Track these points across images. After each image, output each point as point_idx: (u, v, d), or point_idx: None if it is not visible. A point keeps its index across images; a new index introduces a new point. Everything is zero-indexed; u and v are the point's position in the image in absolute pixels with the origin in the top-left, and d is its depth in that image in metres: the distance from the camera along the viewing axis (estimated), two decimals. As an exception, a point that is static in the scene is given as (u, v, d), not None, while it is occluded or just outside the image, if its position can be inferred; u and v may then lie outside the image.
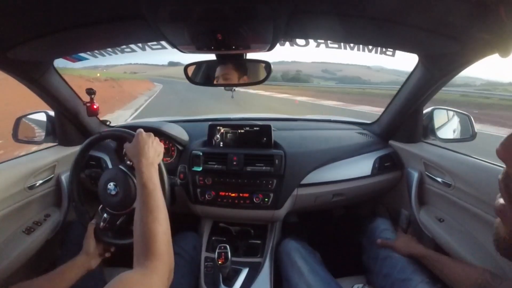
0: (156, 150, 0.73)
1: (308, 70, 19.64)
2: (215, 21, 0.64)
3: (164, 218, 0.60)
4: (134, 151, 0.71)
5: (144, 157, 0.69)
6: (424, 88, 0.95)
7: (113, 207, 0.81)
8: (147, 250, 0.52)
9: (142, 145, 0.71)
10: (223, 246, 0.90)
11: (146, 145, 0.71)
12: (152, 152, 0.71)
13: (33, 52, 0.79)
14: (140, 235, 0.55)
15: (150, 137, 0.74)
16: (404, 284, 0.76)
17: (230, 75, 0.94)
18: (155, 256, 0.51)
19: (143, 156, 0.69)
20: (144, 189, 0.62)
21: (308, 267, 0.86)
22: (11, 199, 0.88)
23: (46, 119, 1.12)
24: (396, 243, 0.88)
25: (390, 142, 1.21)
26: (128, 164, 0.82)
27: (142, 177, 0.65)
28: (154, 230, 0.55)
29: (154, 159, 0.71)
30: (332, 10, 0.61)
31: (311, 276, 0.83)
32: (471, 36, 0.62)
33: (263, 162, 1.06)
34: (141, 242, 0.54)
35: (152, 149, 0.72)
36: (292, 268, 0.88)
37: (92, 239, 0.81)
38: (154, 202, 0.60)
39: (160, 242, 0.54)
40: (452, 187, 0.91)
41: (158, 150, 0.74)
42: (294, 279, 0.85)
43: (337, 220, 1.57)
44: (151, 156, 0.70)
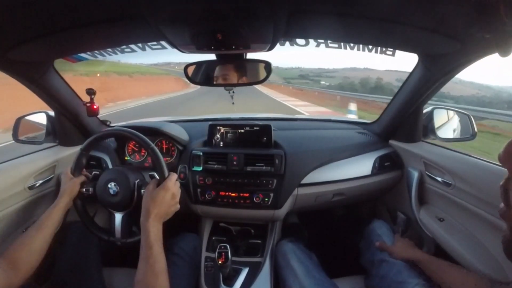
0: (170, 209, 0.70)
1: (385, 79, 16.78)
2: (215, 21, 0.64)
3: (163, 273, 0.60)
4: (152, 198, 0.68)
5: (155, 211, 0.66)
6: (424, 88, 0.95)
7: (112, 206, 0.81)
8: None
9: (162, 197, 0.68)
10: (223, 245, 0.90)
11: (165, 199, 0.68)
12: (166, 209, 0.69)
13: (33, 53, 0.79)
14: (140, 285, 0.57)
15: (174, 192, 0.71)
16: (400, 286, 0.76)
17: (230, 75, 0.95)
18: None
19: (154, 209, 0.66)
20: (148, 249, 0.62)
21: (303, 269, 0.87)
22: (12, 199, 0.88)
23: (46, 120, 1.12)
24: (394, 248, 0.88)
25: (390, 141, 1.21)
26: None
27: (147, 233, 0.63)
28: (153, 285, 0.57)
29: (163, 216, 0.68)
30: (332, 10, 0.61)
31: (306, 279, 0.83)
32: (471, 35, 0.62)
33: (263, 162, 1.06)
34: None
35: (167, 205, 0.69)
36: (287, 270, 0.89)
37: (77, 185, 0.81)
38: (157, 264, 0.60)
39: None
40: (452, 187, 0.91)
41: (171, 209, 0.71)
42: (289, 281, 0.85)
43: (337, 219, 1.57)
44: (162, 213, 0.68)
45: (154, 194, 0.68)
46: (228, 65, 0.94)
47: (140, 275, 0.59)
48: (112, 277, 0.91)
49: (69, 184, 0.80)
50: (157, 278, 0.58)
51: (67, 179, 0.82)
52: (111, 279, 0.90)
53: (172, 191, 0.71)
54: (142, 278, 0.58)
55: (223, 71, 0.94)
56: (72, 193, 0.80)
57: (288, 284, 0.84)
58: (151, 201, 0.67)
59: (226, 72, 0.95)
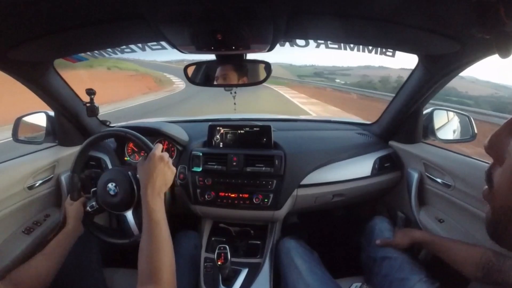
0: (165, 178, 0.70)
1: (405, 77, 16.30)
2: (215, 21, 0.64)
3: (169, 249, 0.60)
4: (143, 174, 0.69)
5: (150, 187, 0.66)
6: (424, 89, 0.95)
7: (112, 207, 0.81)
8: (150, 275, 0.54)
9: (152, 170, 0.68)
10: (222, 246, 0.90)
11: (156, 172, 0.68)
12: (160, 181, 0.69)
13: (33, 52, 0.79)
14: (145, 263, 0.56)
15: (163, 161, 0.71)
16: (402, 283, 0.76)
17: (230, 75, 0.95)
18: (158, 282, 0.53)
19: (150, 185, 0.66)
20: (150, 220, 0.62)
21: (306, 266, 0.86)
22: (11, 199, 0.88)
23: (46, 119, 1.12)
24: (395, 238, 0.88)
25: (390, 142, 1.21)
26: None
27: (147, 207, 0.64)
28: (159, 260, 0.57)
29: (161, 188, 0.68)
30: (332, 11, 0.61)
31: (309, 276, 0.83)
32: (471, 36, 0.62)
33: (263, 162, 1.05)
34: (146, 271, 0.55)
35: (161, 176, 0.69)
36: (290, 267, 0.88)
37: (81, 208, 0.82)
38: (159, 232, 0.61)
39: (164, 272, 0.55)
40: (452, 188, 0.91)
41: (167, 178, 0.71)
42: (292, 278, 0.85)
43: (337, 220, 1.57)
44: (158, 186, 0.68)
45: (145, 167, 0.69)
46: (228, 65, 0.94)
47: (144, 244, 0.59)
48: (113, 277, 0.91)
49: (71, 209, 0.81)
50: (156, 244, 0.59)
51: (69, 206, 0.83)
52: (112, 280, 0.90)
53: (161, 158, 0.71)
54: (145, 247, 0.58)
55: (223, 71, 0.94)
56: (78, 216, 0.81)
57: (292, 282, 0.84)
58: (144, 175, 0.68)
59: (226, 73, 0.95)
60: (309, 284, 0.80)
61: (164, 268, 0.56)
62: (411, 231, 0.88)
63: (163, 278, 0.54)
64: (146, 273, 0.54)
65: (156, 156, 0.70)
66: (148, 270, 0.55)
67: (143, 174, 0.69)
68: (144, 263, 0.56)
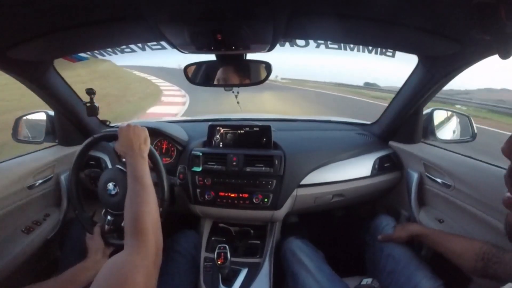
0: (140, 138, 0.74)
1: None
2: (215, 21, 0.64)
3: (151, 200, 0.61)
4: (121, 148, 0.73)
5: (130, 150, 0.71)
6: (424, 89, 0.95)
7: (113, 207, 0.81)
8: (134, 231, 0.54)
9: (125, 138, 0.73)
10: (222, 246, 0.90)
11: (128, 137, 0.73)
12: (136, 141, 0.72)
13: (33, 52, 0.79)
14: (128, 219, 0.57)
15: (130, 128, 0.75)
16: (408, 280, 0.76)
17: (230, 75, 0.94)
18: (141, 236, 0.53)
19: (129, 149, 0.71)
20: (132, 178, 0.65)
21: (314, 264, 0.87)
22: (11, 198, 0.88)
23: (46, 119, 1.12)
24: (394, 232, 0.88)
25: (390, 143, 1.21)
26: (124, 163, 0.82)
27: (129, 168, 0.68)
28: (140, 210, 0.57)
29: (140, 148, 0.72)
30: (332, 11, 0.61)
31: (318, 273, 0.83)
32: (471, 37, 0.62)
33: (262, 162, 1.06)
34: (129, 223, 0.56)
35: (136, 138, 0.73)
36: (298, 264, 0.88)
37: (100, 241, 0.82)
38: (141, 186, 0.63)
39: (145, 221, 0.56)
40: (452, 188, 0.91)
41: (141, 137, 0.75)
42: (301, 274, 0.85)
43: (337, 220, 1.57)
44: (136, 148, 0.72)
45: (118, 143, 0.74)
46: (228, 65, 0.94)
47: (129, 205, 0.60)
48: None
49: (93, 243, 0.81)
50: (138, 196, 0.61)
51: (89, 240, 0.83)
52: None
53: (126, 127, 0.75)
54: (130, 208, 0.59)
55: (223, 71, 0.94)
56: (100, 247, 0.81)
57: (301, 278, 0.84)
58: (121, 148, 0.73)
59: (226, 73, 0.95)
60: (319, 281, 0.81)
61: (146, 219, 0.56)
62: (410, 225, 0.89)
63: (144, 229, 0.55)
64: (131, 230, 0.55)
65: (122, 128, 0.75)
66: (130, 224, 0.56)
67: (121, 148, 0.73)
68: (127, 217, 0.57)
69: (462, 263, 0.70)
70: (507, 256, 0.62)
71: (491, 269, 0.63)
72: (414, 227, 0.87)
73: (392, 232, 0.90)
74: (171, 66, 16.32)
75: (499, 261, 0.62)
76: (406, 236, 0.85)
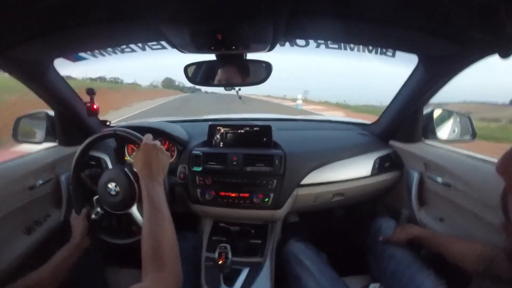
0: (161, 163, 0.71)
1: None
2: (215, 21, 0.64)
3: (170, 231, 0.60)
4: (139, 164, 0.69)
5: (148, 174, 0.67)
6: (424, 89, 0.96)
7: (113, 207, 0.81)
8: (154, 261, 0.53)
9: (147, 156, 0.69)
10: (223, 246, 0.91)
11: (150, 159, 0.69)
12: (156, 166, 0.69)
13: (33, 52, 0.79)
14: (147, 248, 0.56)
15: (155, 149, 0.71)
16: (411, 280, 0.76)
17: (230, 75, 0.94)
18: (162, 267, 0.52)
19: (146, 173, 0.67)
20: (151, 208, 0.62)
21: (317, 267, 0.87)
22: (11, 199, 0.88)
23: (46, 119, 1.12)
24: (394, 234, 0.88)
25: (390, 142, 1.21)
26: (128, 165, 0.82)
27: (146, 191, 0.64)
28: (161, 240, 0.56)
29: (158, 174, 0.69)
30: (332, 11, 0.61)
31: (320, 276, 0.83)
32: (471, 37, 0.62)
33: (263, 162, 1.06)
34: (149, 254, 0.54)
35: (156, 162, 0.69)
36: (301, 267, 0.88)
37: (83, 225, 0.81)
38: (161, 215, 0.61)
39: (166, 251, 0.55)
40: (452, 187, 0.91)
41: (162, 163, 0.71)
42: (304, 277, 0.85)
43: (338, 220, 1.57)
44: (155, 172, 0.68)
45: (139, 157, 0.70)
46: (228, 65, 0.94)
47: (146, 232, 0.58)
48: (115, 277, 0.91)
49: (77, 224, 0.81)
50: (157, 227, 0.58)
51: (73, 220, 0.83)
52: (114, 279, 0.90)
53: (153, 145, 0.71)
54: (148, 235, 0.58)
55: (223, 71, 0.94)
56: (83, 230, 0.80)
57: (304, 281, 0.84)
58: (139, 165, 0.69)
59: (226, 73, 0.95)
60: (321, 284, 0.81)
61: (168, 255, 0.55)
62: (410, 227, 0.89)
63: (168, 265, 0.54)
64: (150, 260, 0.54)
65: (147, 145, 0.71)
66: (150, 255, 0.54)
67: (139, 164, 0.70)
68: (147, 248, 0.56)
69: (463, 265, 0.70)
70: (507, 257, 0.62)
71: (492, 271, 0.63)
72: (414, 229, 0.86)
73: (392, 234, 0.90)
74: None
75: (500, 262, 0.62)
76: (405, 238, 0.85)
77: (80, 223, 0.81)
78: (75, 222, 0.82)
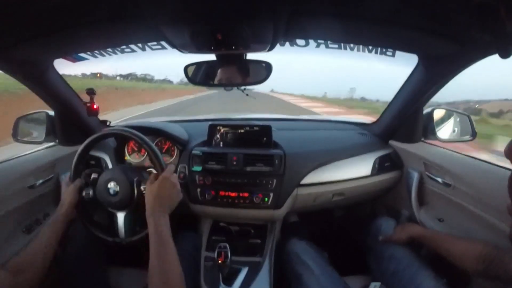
0: (172, 200, 0.72)
1: None
2: (215, 21, 0.64)
3: (177, 265, 0.62)
4: (151, 196, 0.69)
5: (157, 208, 0.67)
6: (424, 89, 0.95)
7: (113, 206, 0.81)
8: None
9: (161, 192, 0.70)
10: (223, 245, 0.91)
11: (164, 194, 0.70)
12: (167, 202, 0.70)
13: (33, 52, 0.79)
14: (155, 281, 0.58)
15: (172, 184, 0.72)
16: (411, 280, 0.77)
17: (230, 75, 0.95)
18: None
19: (156, 206, 0.68)
20: (157, 241, 0.63)
21: (318, 267, 0.87)
22: (12, 198, 0.88)
23: (46, 119, 1.12)
24: (394, 233, 0.88)
25: (390, 142, 1.21)
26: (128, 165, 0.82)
27: (154, 227, 0.65)
28: (167, 278, 0.58)
29: (168, 208, 0.70)
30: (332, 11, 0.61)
31: (322, 276, 0.83)
32: (471, 36, 0.62)
33: (262, 162, 1.06)
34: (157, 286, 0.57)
35: (168, 198, 0.71)
36: (302, 266, 0.88)
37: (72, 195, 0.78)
38: (168, 250, 0.62)
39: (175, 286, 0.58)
40: (452, 187, 0.91)
41: (174, 200, 0.73)
42: (305, 276, 0.85)
43: (338, 220, 1.57)
44: (166, 207, 0.69)
45: (154, 188, 0.70)
46: (228, 65, 0.94)
47: (153, 263, 0.60)
48: (117, 277, 0.91)
49: (68, 192, 0.79)
50: (168, 268, 0.60)
51: (65, 187, 0.81)
52: (116, 279, 0.90)
53: (171, 181, 0.72)
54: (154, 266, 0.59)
55: (223, 71, 0.94)
56: (72, 201, 0.79)
57: (305, 280, 0.84)
58: (152, 196, 0.69)
59: (227, 72, 0.95)
60: (322, 283, 0.81)
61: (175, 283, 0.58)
62: (410, 226, 0.88)
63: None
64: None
65: (167, 179, 0.72)
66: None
67: (151, 194, 0.70)
68: (155, 281, 0.58)
69: (463, 265, 0.70)
70: (507, 257, 0.62)
71: (492, 271, 0.63)
72: (414, 229, 0.86)
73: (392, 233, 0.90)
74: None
75: (500, 262, 0.62)
76: (405, 237, 0.85)
77: (71, 192, 0.79)
78: (66, 189, 0.80)
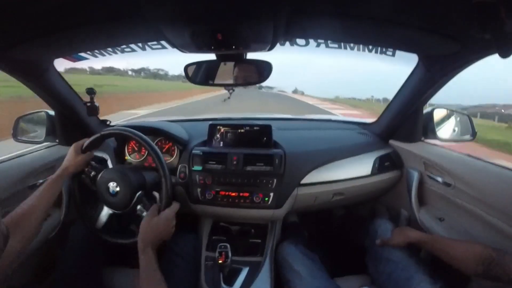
0: (162, 236, 0.74)
1: None
2: (215, 20, 0.64)
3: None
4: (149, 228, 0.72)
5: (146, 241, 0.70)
6: (424, 88, 0.95)
7: (113, 206, 0.82)
8: None
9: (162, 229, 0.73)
10: (223, 245, 0.91)
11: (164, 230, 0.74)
12: (156, 238, 0.72)
13: (33, 52, 0.79)
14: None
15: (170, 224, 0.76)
16: (407, 282, 0.77)
17: (230, 74, 0.95)
18: None
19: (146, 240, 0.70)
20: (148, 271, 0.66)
21: (307, 271, 0.87)
22: (12, 199, 0.88)
23: (46, 119, 1.12)
24: (392, 237, 0.88)
25: (390, 141, 1.21)
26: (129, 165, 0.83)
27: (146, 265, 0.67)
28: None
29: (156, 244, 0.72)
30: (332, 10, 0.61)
31: (312, 280, 0.84)
32: (471, 36, 0.62)
33: (263, 161, 1.06)
34: None
35: (166, 233, 0.75)
36: (291, 271, 0.89)
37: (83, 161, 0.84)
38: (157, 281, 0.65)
39: None
40: (452, 187, 0.91)
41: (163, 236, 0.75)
42: (293, 282, 0.86)
43: (338, 219, 1.58)
44: (156, 243, 0.72)
45: (153, 224, 0.73)
46: (228, 65, 0.94)
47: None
48: (112, 277, 0.92)
49: (77, 159, 0.82)
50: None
51: (74, 153, 0.83)
52: (111, 279, 0.90)
53: (172, 218, 0.77)
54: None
55: (223, 71, 0.94)
56: (77, 168, 0.82)
57: (294, 285, 0.85)
58: (149, 230, 0.72)
59: (227, 72, 0.95)
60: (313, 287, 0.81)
61: None
62: (407, 231, 0.88)
63: None
64: None
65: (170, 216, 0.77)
66: None
67: (149, 228, 0.73)
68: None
69: (462, 267, 0.70)
70: (507, 258, 0.62)
71: (492, 272, 0.63)
72: (412, 233, 0.85)
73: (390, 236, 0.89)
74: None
75: (499, 264, 0.62)
76: (403, 242, 0.84)
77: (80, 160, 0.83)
78: (73, 152, 0.83)
